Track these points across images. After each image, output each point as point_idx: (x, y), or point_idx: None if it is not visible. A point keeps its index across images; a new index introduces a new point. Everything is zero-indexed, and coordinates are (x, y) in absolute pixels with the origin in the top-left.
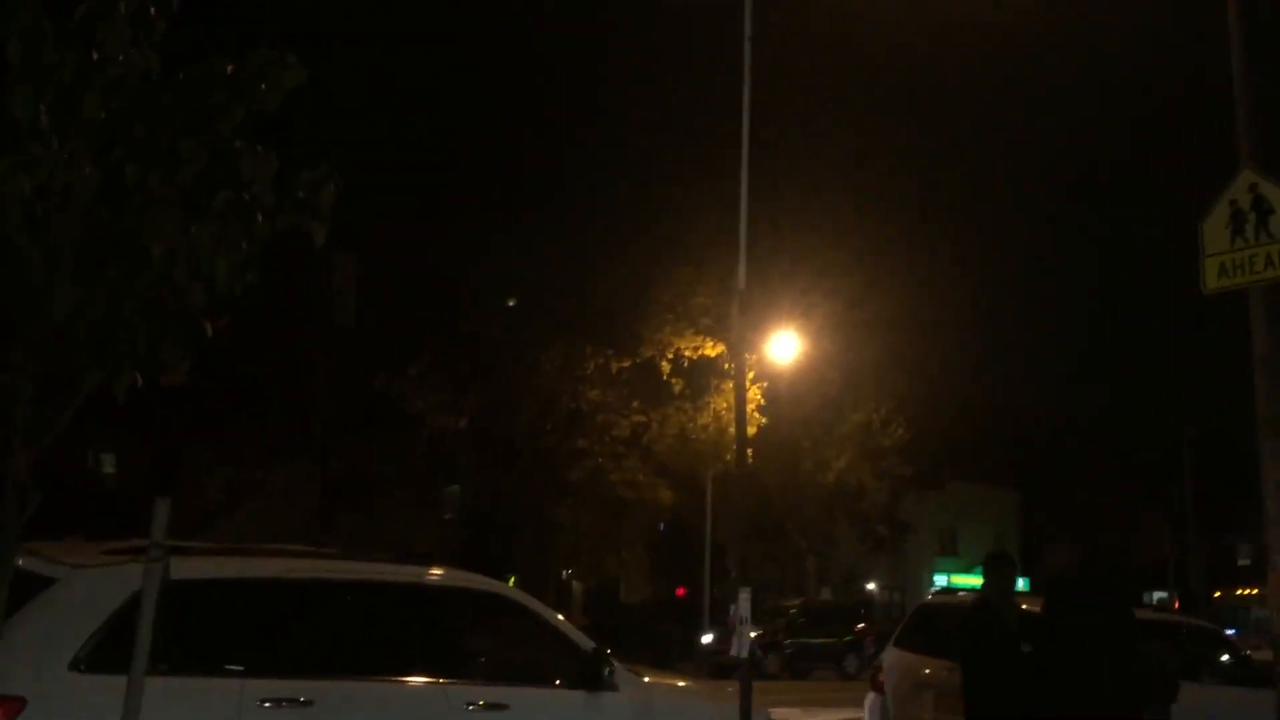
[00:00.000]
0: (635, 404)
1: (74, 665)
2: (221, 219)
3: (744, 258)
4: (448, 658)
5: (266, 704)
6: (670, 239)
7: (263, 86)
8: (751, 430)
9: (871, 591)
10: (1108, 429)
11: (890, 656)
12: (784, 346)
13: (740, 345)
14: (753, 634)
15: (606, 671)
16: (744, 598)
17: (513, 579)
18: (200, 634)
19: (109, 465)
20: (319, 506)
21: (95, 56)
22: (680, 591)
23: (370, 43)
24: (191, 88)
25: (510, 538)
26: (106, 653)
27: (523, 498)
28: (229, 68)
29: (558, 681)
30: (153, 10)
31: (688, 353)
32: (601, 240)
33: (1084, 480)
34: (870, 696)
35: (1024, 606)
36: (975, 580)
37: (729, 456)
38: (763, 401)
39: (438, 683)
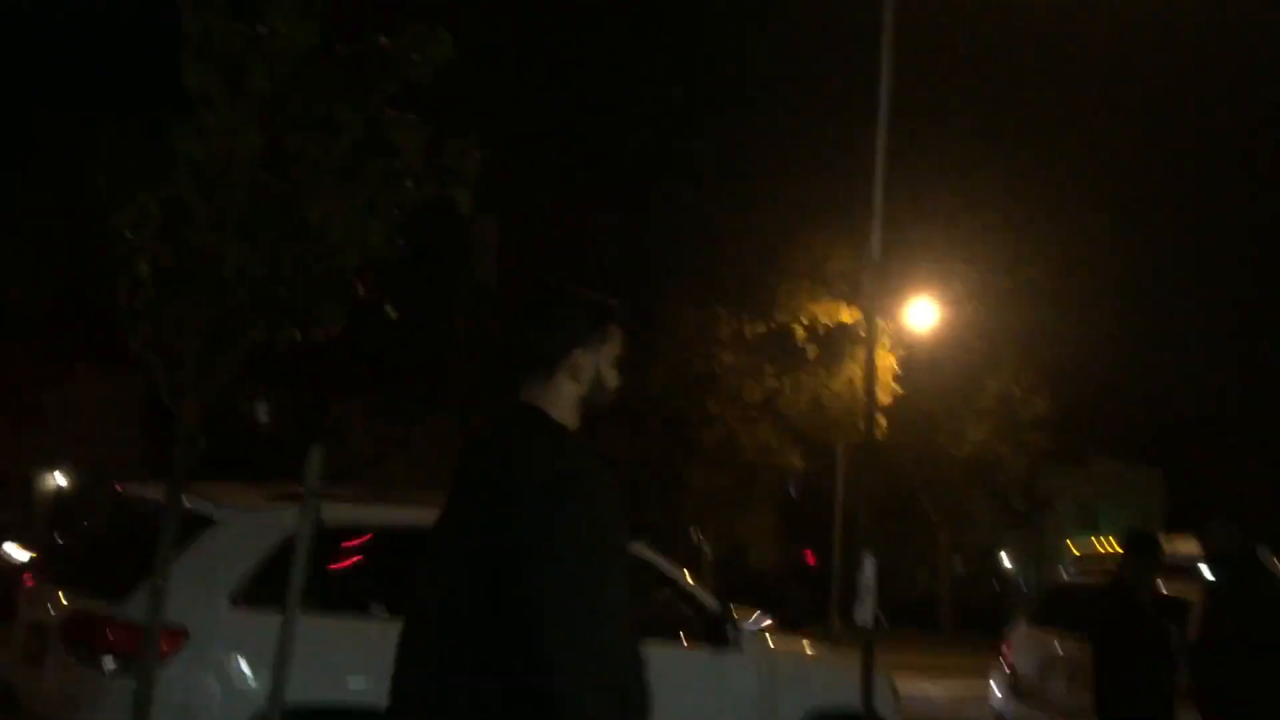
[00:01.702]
0: (768, 369)
1: (232, 600)
2: (374, 186)
3: (879, 225)
4: None
5: None
6: (807, 204)
7: (415, 59)
8: (887, 399)
9: (1008, 568)
10: (1259, 411)
11: (1021, 631)
12: (922, 314)
13: (872, 315)
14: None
15: (731, 630)
16: (869, 565)
17: (644, 540)
18: (349, 576)
19: (264, 414)
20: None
21: (262, 30)
22: (810, 557)
23: (511, 16)
24: (349, 61)
25: (639, 498)
26: (262, 589)
27: (652, 459)
28: (384, 42)
29: (683, 638)
30: None
31: (823, 318)
32: (737, 205)
33: (1233, 462)
34: (998, 670)
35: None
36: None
37: (862, 424)
38: (899, 370)
39: None
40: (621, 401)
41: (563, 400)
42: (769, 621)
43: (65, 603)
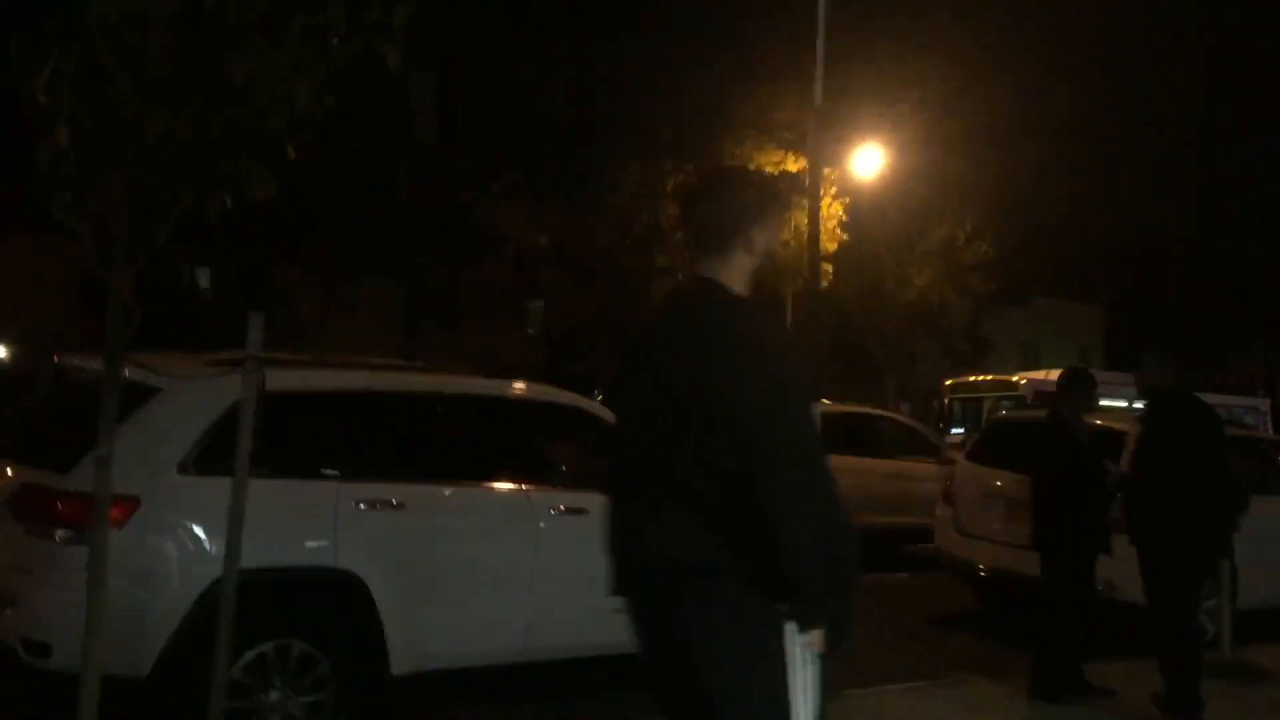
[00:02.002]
0: None
1: (181, 468)
2: (298, 44)
3: (821, 74)
4: (532, 466)
5: (361, 505)
6: (751, 54)
7: None
8: (833, 246)
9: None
10: (1199, 249)
11: (963, 469)
12: (868, 161)
13: (817, 163)
14: None
15: None
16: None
17: (600, 395)
18: (298, 441)
19: (204, 280)
20: (405, 323)
21: None
22: None
23: None
24: None
25: (592, 354)
26: (211, 457)
27: (604, 315)
28: None
29: None
30: None
31: (769, 168)
32: (680, 56)
33: (1173, 299)
34: (940, 506)
35: (1097, 423)
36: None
37: (807, 273)
38: (845, 218)
39: (521, 489)
40: (571, 259)
41: (738, 272)
42: None
43: (11, 475)
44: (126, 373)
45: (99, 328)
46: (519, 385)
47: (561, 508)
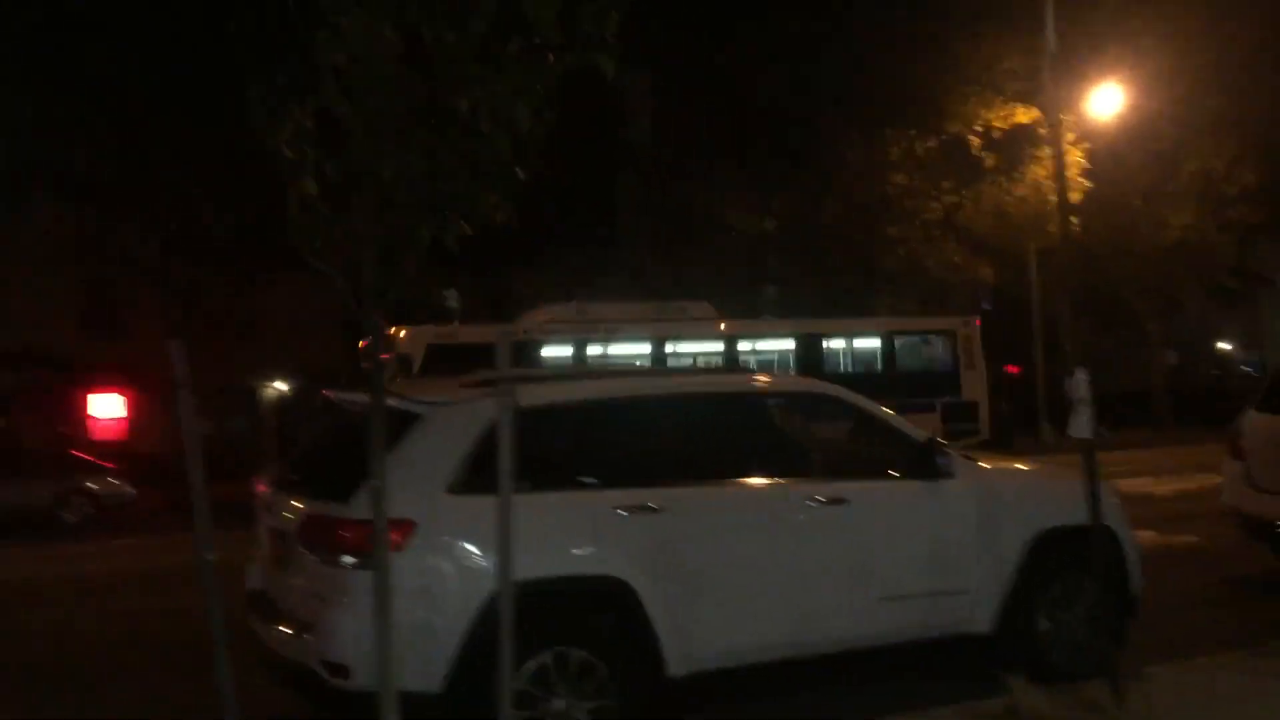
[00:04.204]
0: (945, 185)
1: (449, 489)
2: (516, 65)
3: (1051, 13)
4: (785, 458)
5: (621, 512)
6: (968, 5)
7: None
8: (1076, 196)
9: (1227, 351)
10: None
11: (1252, 420)
12: (1107, 101)
13: (1054, 109)
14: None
15: (941, 460)
16: (1080, 376)
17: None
18: (556, 453)
19: (453, 301)
20: None
21: None
22: (1013, 369)
23: None
24: None
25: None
26: (476, 477)
27: (835, 290)
28: None
29: (894, 474)
30: None
31: (997, 123)
32: (894, 17)
33: None
34: (1229, 462)
35: None
36: None
37: (1051, 227)
38: (1086, 165)
39: (778, 482)
40: (800, 239)
41: None
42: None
43: (298, 507)
44: (390, 402)
45: (358, 362)
46: (765, 377)
47: (821, 498)
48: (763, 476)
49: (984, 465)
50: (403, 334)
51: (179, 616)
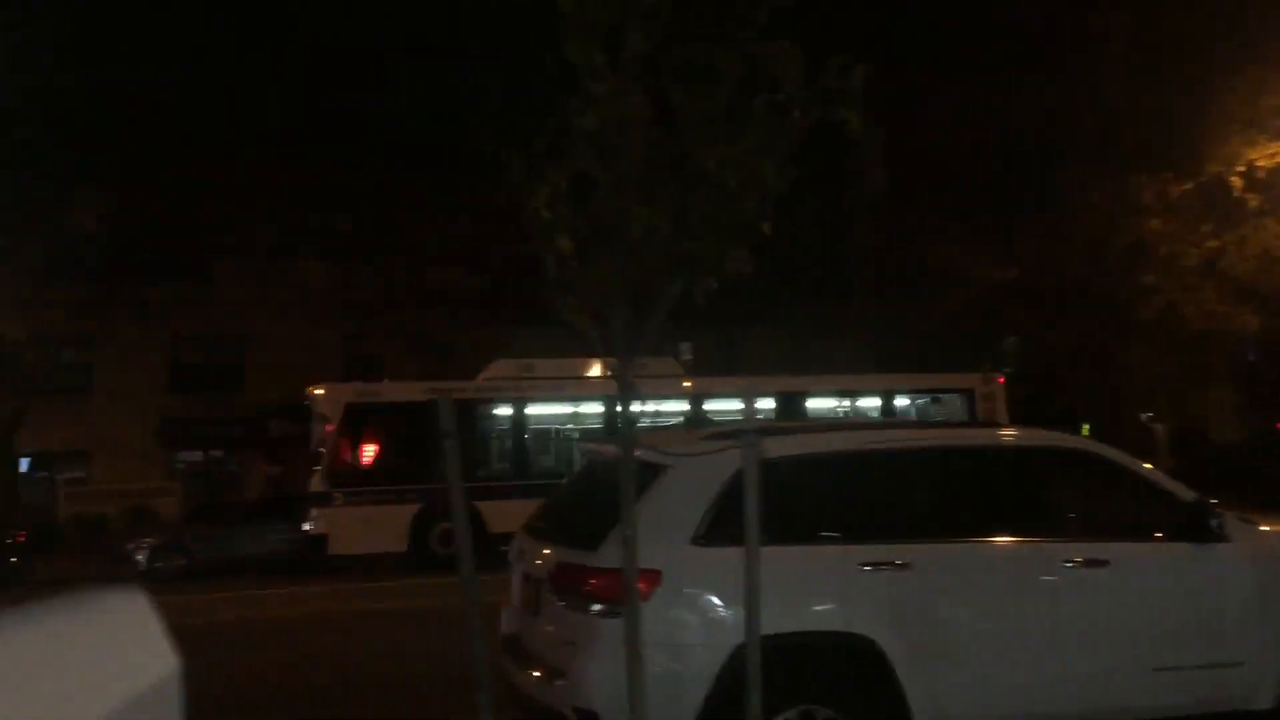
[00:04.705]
0: (1205, 229)
1: (694, 540)
2: (762, 122)
3: None
4: (1039, 517)
5: (866, 568)
6: (1228, 40)
7: None
8: None
9: None
10: None
11: None
12: None
13: None
14: None
15: (1214, 521)
16: None
17: (1085, 428)
18: (798, 506)
19: (687, 354)
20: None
21: None
22: None
23: None
24: (716, 2)
25: (1073, 387)
26: (719, 528)
27: (1081, 345)
28: None
29: (1158, 535)
30: None
31: (1261, 162)
32: (1145, 59)
33: None
34: None
35: None
36: None
37: None
38: None
39: (1032, 542)
40: (1041, 289)
41: None
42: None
43: (548, 554)
44: (638, 453)
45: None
46: (1015, 432)
47: (1078, 559)
48: (1015, 535)
49: (1264, 528)
50: (319, 392)
51: (433, 658)
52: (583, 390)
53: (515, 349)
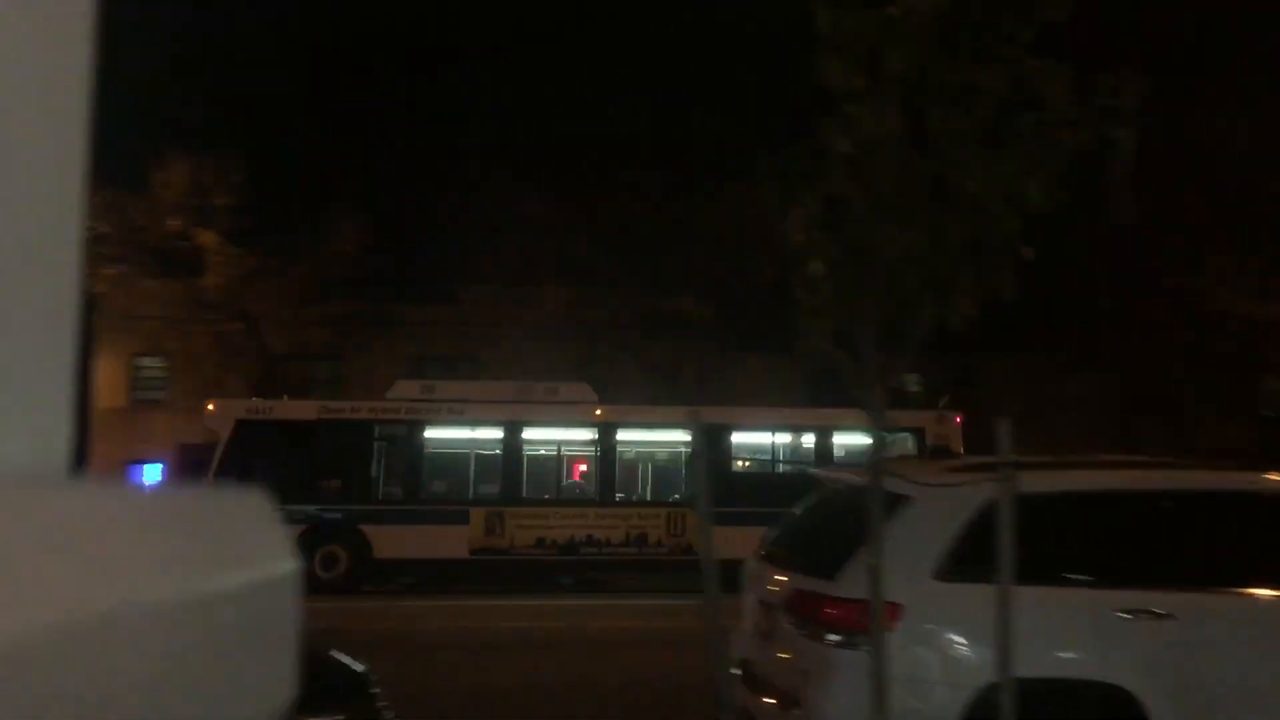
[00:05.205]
0: None
1: (936, 574)
2: (1027, 143)
3: None
4: None
5: (1123, 615)
6: None
7: None
8: None
9: None
10: None
11: None
12: None
13: None
14: None
15: None
16: None
17: None
18: (1046, 546)
19: (913, 384)
20: (1120, 415)
21: (893, 11)
22: None
23: None
24: (981, 18)
25: None
26: (962, 563)
27: None
28: None
29: None
30: None
31: None
32: None
33: None
34: None
35: None
36: None
37: None
38: None
39: None
40: None
41: None
42: None
43: (784, 581)
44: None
45: None
46: None
47: None
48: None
49: None
50: (211, 407)
51: (669, 678)
52: (483, 414)
53: (745, 374)
